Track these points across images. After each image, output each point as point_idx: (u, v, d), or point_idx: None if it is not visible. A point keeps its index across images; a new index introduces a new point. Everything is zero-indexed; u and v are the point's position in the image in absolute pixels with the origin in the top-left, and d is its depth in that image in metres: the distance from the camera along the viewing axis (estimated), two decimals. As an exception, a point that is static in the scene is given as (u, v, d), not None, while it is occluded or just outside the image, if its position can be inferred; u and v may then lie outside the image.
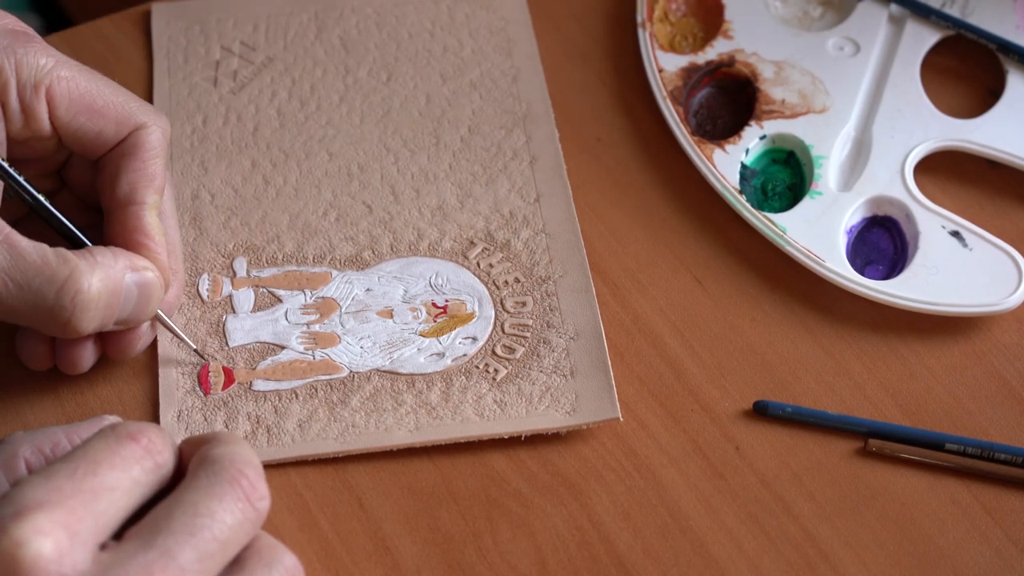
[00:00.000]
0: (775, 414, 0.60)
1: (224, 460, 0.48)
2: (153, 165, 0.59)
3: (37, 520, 0.44)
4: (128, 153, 0.59)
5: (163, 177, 0.60)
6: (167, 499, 0.47)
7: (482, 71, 0.71)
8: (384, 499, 0.58)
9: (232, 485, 0.47)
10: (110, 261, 0.56)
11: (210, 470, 0.47)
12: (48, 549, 0.43)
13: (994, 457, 0.59)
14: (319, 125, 0.69)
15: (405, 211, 0.66)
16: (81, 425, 0.51)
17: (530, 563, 0.57)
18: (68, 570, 0.44)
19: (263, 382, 0.61)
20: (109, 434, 0.47)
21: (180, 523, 0.46)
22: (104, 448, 0.47)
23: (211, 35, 0.72)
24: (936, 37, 0.71)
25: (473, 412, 0.60)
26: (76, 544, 0.44)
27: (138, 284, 0.57)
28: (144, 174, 0.59)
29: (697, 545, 0.57)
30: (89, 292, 0.55)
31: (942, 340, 0.63)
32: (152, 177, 0.59)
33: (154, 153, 0.59)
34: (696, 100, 0.70)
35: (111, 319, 0.57)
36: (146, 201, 0.59)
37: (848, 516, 0.58)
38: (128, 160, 0.59)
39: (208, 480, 0.47)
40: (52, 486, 0.45)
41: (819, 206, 0.66)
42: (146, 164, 0.59)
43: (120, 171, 0.59)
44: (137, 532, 0.46)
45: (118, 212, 0.59)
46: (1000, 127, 0.68)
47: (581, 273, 0.64)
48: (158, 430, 0.48)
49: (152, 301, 0.58)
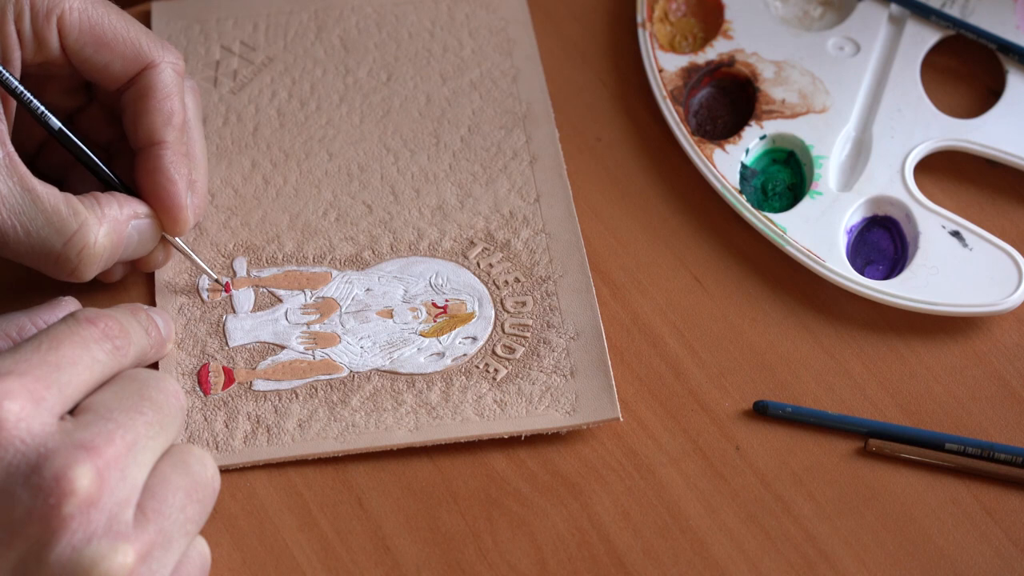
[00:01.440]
0: (775, 414, 0.60)
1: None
2: (168, 104, 0.61)
3: (5, 384, 0.48)
4: (143, 95, 0.61)
5: (180, 113, 0.61)
6: (117, 382, 0.52)
7: (482, 71, 0.71)
8: (384, 499, 0.58)
9: (172, 383, 0.53)
10: (115, 212, 0.59)
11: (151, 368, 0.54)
12: (15, 409, 0.47)
13: (994, 457, 0.59)
14: (319, 125, 0.69)
15: (405, 211, 0.66)
16: (41, 308, 0.57)
17: (530, 563, 0.57)
18: (36, 429, 0.47)
19: (263, 382, 0.61)
20: (70, 319, 0.52)
21: (132, 401, 0.50)
22: (65, 329, 0.51)
23: (211, 35, 0.72)
24: (936, 37, 0.71)
25: (473, 412, 0.60)
26: (41, 409, 0.48)
27: (138, 230, 0.60)
28: (160, 114, 0.61)
29: (697, 545, 0.57)
30: (95, 247, 0.58)
31: (942, 340, 0.63)
32: (168, 116, 0.61)
33: (167, 92, 0.61)
34: (696, 100, 0.70)
35: (112, 262, 0.60)
36: (165, 140, 0.61)
37: (848, 516, 0.58)
38: (144, 102, 0.61)
39: (155, 379, 0.52)
40: (19, 358, 0.49)
41: (819, 206, 0.66)
42: (161, 104, 0.61)
43: (138, 113, 0.61)
44: (92, 406, 0.50)
45: (141, 152, 0.61)
46: (1000, 127, 0.68)
47: (581, 273, 0.64)
48: (117, 318, 0.53)
49: (150, 241, 0.61)
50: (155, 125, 0.60)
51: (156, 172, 0.60)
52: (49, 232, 0.57)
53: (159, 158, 0.60)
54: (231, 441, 0.59)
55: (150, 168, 0.60)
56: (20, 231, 0.56)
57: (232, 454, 0.59)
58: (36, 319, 0.56)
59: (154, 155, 0.60)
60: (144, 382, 0.52)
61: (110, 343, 0.52)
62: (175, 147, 0.61)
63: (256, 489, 0.58)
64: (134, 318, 0.56)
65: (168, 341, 0.61)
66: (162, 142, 0.60)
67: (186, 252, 0.63)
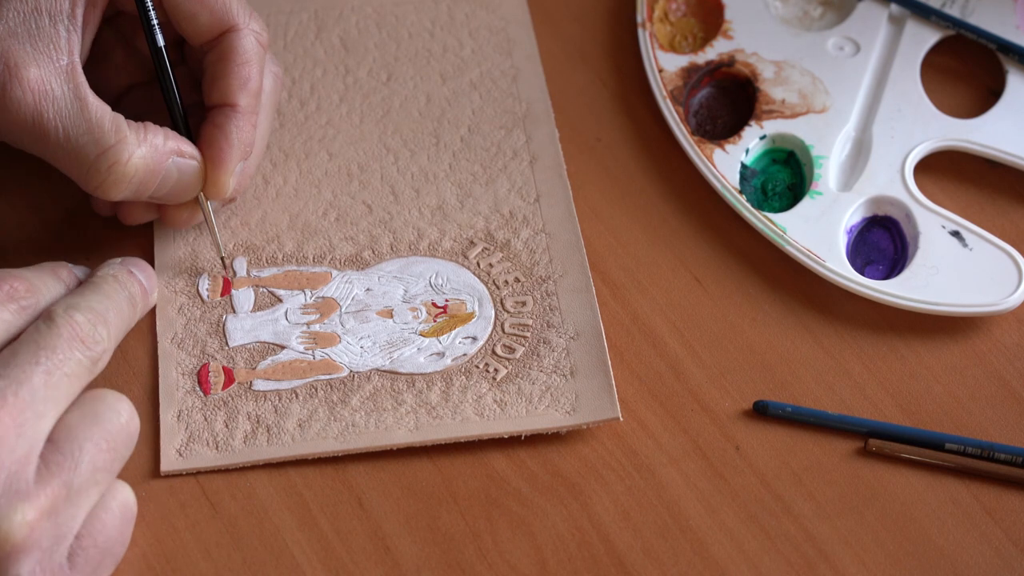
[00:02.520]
0: (775, 414, 0.60)
1: (57, 308, 0.53)
2: (246, 69, 0.61)
3: None
4: (223, 57, 0.61)
5: (257, 82, 0.62)
6: (14, 342, 0.52)
7: (482, 71, 0.71)
8: (384, 499, 0.58)
9: (68, 327, 0.53)
10: (159, 141, 0.59)
11: (45, 316, 0.53)
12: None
13: (994, 457, 0.59)
14: (319, 125, 0.69)
15: (405, 211, 0.66)
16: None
17: (530, 563, 0.57)
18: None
19: (263, 382, 0.61)
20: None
21: (27, 354, 0.51)
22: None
23: (211, 35, 0.72)
24: (936, 37, 0.71)
25: (473, 412, 0.60)
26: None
27: (179, 169, 0.60)
28: (237, 78, 0.61)
29: (697, 545, 0.57)
30: (126, 166, 0.58)
31: (942, 340, 0.63)
32: (244, 80, 0.61)
33: (246, 58, 0.61)
34: (696, 100, 0.70)
35: (145, 193, 0.60)
36: (237, 103, 0.61)
37: (848, 516, 0.58)
38: (223, 64, 0.61)
39: (46, 324, 0.53)
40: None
41: (819, 206, 0.66)
42: (240, 68, 0.61)
43: (216, 75, 0.62)
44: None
45: (211, 111, 0.62)
46: (1000, 127, 0.68)
47: (581, 273, 0.64)
48: (25, 278, 0.54)
49: (191, 187, 0.61)
50: (231, 87, 0.61)
51: (218, 129, 0.61)
52: (87, 140, 0.57)
53: (226, 117, 0.61)
54: (231, 441, 0.59)
55: (214, 124, 0.61)
56: (61, 133, 0.57)
57: (232, 454, 0.59)
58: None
59: (221, 114, 0.61)
60: (43, 332, 0.52)
61: (15, 304, 0.53)
62: (244, 113, 0.61)
63: (256, 489, 0.58)
64: (52, 275, 0.57)
65: (152, 291, 0.60)
66: (234, 104, 0.61)
67: (210, 220, 0.63)
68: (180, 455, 0.59)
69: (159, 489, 0.58)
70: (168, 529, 0.57)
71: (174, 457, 0.59)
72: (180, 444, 0.59)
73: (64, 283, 0.57)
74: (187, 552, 0.57)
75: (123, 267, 0.59)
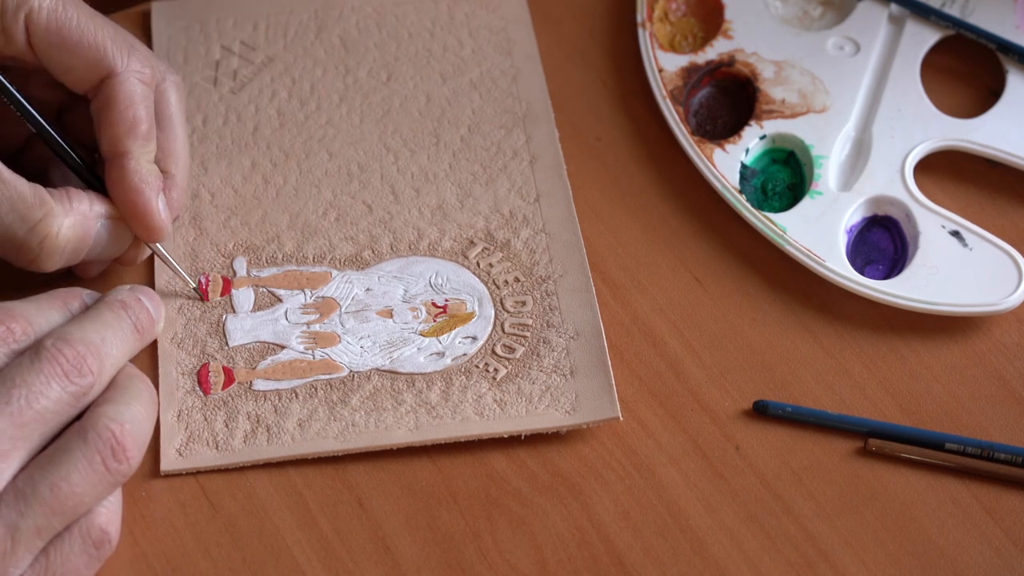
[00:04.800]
0: (775, 414, 0.60)
1: (46, 340, 0.53)
2: (130, 113, 0.60)
3: None
4: (105, 105, 0.60)
5: (146, 119, 0.60)
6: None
7: (482, 71, 0.71)
8: (384, 499, 0.58)
9: (50, 362, 0.52)
10: (85, 207, 0.59)
11: (32, 349, 0.53)
12: None
13: (994, 457, 0.59)
14: (319, 125, 0.69)
15: (405, 211, 0.66)
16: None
17: (530, 563, 0.57)
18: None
19: (263, 382, 0.61)
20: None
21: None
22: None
23: (211, 35, 0.72)
24: (936, 37, 0.71)
25: (473, 411, 0.60)
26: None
27: (108, 229, 0.60)
28: (122, 124, 0.60)
29: (697, 545, 0.57)
30: (57, 239, 0.58)
31: (942, 340, 0.63)
32: (131, 125, 0.60)
33: (128, 102, 0.60)
34: (696, 100, 0.70)
35: (78, 259, 0.60)
36: (129, 151, 0.60)
37: (848, 515, 0.58)
38: (107, 112, 0.60)
39: (29, 358, 0.52)
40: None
41: (819, 206, 0.66)
42: (123, 114, 0.60)
43: (101, 124, 0.60)
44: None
45: (108, 162, 0.60)
46: (1000, 127, 0.68)
47: (581, 273, 0.64)
48: (26, 318, 0.54)
49: (121, 241, 0.61)
50: (118, 135, 0.60)
51: (121, 182, 0.60)
52: (13, 217, 0.57)
53: (123, 168, 0.60)
54: (231, 441, 0.59)
55: (116, 178, 0.60)
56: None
57: (232, 454, 0.59)
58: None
59: (119, 165, 0.60)
60: (24, 367, 0.52)
61: (7, 347, 0.53)
62: (139, 157, 0.60)
63: (256, 489, 0.58)
64: (59, 309, 0.56)
65: (158, 321, 0.60)
66: (126, 153, 0.60)
67: (166, 259, 0.62)
68: (180, 455, 0.59)
69: (159, 489, 0.58)
70: (168, 529, 0.57)
71: (174, 457, 0.59)
72: (180, 444, 0.59)
73: (71, 314, 0.56)
74: (187, 552, 0.57)
75: (132, 293, 0.58)
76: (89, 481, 0.51)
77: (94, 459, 0.52)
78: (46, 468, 0.51)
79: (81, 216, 0.58)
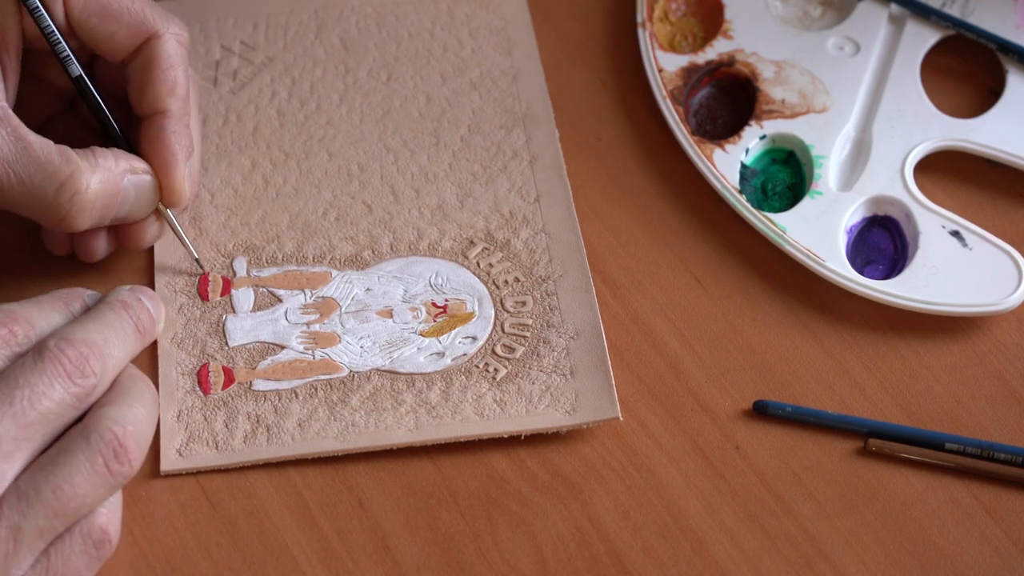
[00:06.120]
0: (775, 414, 0.60)
1: (49, 341, 0.53)
2: (172, 74, 0.61)
3: None
4: (147, 65, 0.61)
5: (184, 84, 0.62)
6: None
7: (482, 71, 0.71)
8: (384, 499, 0.58)
9: (53, 363, 0.52)
10: (111, 163, 0.59)
11: (35, 350, 0.53)
12: None
13: (994, 457, 0.59)
14: (319, 125, 0.69)
15: (405, 211, 0.66)
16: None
17: (530, 563, 0.57)
18: None
19: (263, 382, 0.61)
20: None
21: (0, 394, 0.51)
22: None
23: (211, 34, 0.72)
24: (936, 37, 0.71)
25: (473, 411, 0.60)
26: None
27: (136, 186, 0.60)
28: (164, 84, 0.61)
29: (697, 545, 0.57)
30: (87, 193, 0.58)
31: (942, 340, 0.63)
32: (172, 85, 0.61)
33: (171, 63, 0.61)
34: (696, 100, 0.71)
35: (108, 217, 0.60)
36: (168, 109, 0.61)
37: (848, 515, 0.58)
38: (148, 72, 0.61)
39: (32, 359, 0.52)
40: None
41: (819, 206, 0.66)
42: (165, 74, 0.61)
43: (143, 83, 0.61)
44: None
45: (144, 121, 0.62)
46: (1000, 127, 0.68)
47: (581, 273, 0.64)
48: (28, 321, 0.54)
49: (148, 202, 0.61)
50: (159, 94, 0.61)
51: (157, 140, 0.61)
52: (42, 178, 0.57)
53: (162, 126, 0.61)
54: (231, 441, 0.59)
55: (152, 136, 0.61)
56: (14, 178, 0.57)
57: (232, 454, 0.59)
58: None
59: (156, 123, 0.61)
60: (27, 368, 0.52)
61: (8, 349, 0.53)
62: (178, 117, 0.61)
63: (256, 489, 0.58)
64: (61, 310, 0.56)
65: (159, 321, 0.60)
66: (165, 111, 0.61)
67: (175, 226, 0.63)
68: (180, 455, 0.59)
69: (159, 489, 0.58)
70: (168, 529, 0.57)
71: (174, 457, 0.59)
72: (180, 444, 0.59)
73: (73, 315, 0.57)
74: (187, 552, 0.57)
75: (132, 294, 0.58)
76: (91, 483, 0.51)
77: (96, 461, 0.52)
78: (48, 469, 0.51)
79: (108, 171, 0.59)
